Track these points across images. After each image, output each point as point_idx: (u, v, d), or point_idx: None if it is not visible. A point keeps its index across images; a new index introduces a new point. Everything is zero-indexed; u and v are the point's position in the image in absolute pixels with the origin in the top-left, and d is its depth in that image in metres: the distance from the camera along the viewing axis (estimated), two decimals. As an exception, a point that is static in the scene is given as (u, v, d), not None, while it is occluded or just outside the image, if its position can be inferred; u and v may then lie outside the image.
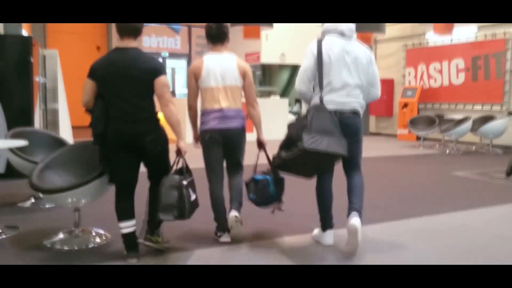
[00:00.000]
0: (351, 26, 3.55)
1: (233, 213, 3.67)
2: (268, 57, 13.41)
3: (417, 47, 12.74)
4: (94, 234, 3.90)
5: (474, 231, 4.24)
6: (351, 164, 3.65)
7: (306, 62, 3.49)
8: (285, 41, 13.22)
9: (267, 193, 3.67)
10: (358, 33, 11.70)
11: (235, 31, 12.98)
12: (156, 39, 16.58)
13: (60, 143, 4.88)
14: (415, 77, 12.79)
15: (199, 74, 3.62)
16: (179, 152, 3.35)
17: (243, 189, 3.79)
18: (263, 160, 3.85)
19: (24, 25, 12.08)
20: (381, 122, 14.06)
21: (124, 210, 3.31)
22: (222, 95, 3.60)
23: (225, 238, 3.73)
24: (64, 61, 13.51)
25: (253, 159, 3.85)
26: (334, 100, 3.44)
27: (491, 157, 9.47)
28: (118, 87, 3.17)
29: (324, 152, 3.23)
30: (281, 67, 14.59)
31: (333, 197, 3.74)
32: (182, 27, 17.08)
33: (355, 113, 3.52)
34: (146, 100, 3.24)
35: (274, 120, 10.84)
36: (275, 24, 11.41)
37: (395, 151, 10.35)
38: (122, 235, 3.32)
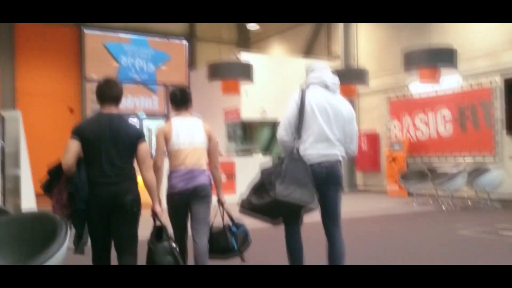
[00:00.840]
0: (335, 79, 3.58)
1: None
2: (249, 113, 12.92)
3: (401, 99, 12.46)
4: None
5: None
6: (332, 214, 3.54)
7: (289, 111, 3.48)
8: (266, 97, 12.81)
9: (227, 245, 3.89)
10: (341, 85, 11.46)
11: (214, 86, 12.59)
12: (132, 99, 16.11)
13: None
14: (401, 129, 12.41)
15: (169, 136, 3.75)
16: (155, 215, 3.46)
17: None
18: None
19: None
20: (369, 178, 13.50)
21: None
22: (190, 155, 3.74)
23: None
24: (34, 123, 12.84)
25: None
26: (319, 152, 3.41)
27: (491, 212, 8.87)
28: (105, 150, 3.22)
29: (297, 203, 3.22)
30: (262, 123, 14.11)
31: (303, 247, 3.58)
32: (159, 87, 16.68)
33: (338, 162, 3.52)
34: (128, 163, 3.33)
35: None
36: (255, 80, 11.03)
37: (388, 209, 9.68)
38: None
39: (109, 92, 3.32)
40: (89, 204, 3.17)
